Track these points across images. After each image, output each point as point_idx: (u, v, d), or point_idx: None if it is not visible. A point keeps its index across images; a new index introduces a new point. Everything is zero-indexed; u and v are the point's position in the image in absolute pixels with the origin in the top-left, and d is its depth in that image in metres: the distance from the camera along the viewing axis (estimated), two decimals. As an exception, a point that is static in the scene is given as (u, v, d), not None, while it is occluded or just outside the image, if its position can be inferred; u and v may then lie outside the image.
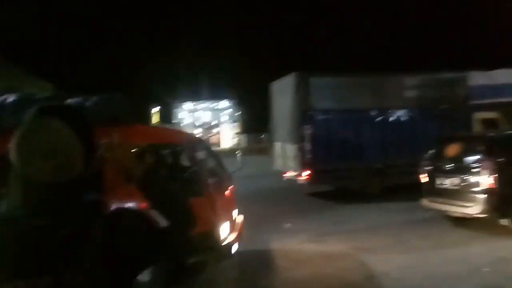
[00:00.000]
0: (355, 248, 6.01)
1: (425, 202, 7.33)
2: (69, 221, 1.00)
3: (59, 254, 0.96)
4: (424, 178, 7.49)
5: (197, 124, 48.43)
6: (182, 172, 4.64)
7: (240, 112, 50.70)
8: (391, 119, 10.67)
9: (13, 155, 0.99)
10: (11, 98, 4.44)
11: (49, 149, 0.98)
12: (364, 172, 10.18)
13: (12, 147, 0.99)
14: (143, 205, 1.34)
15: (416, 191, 7.66)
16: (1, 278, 0.93)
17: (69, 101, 4.49)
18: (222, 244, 4.46)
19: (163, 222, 1.20)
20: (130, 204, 3.24)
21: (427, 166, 7.47)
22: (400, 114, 10.76)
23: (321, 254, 5.87)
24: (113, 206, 1.21)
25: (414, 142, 10.33)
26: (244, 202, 5.79)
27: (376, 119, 10.51)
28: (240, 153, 6.32)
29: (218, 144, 45.72)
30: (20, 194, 1.01)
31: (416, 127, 10.61)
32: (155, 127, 7.08)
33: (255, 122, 42.33)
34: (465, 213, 6.57)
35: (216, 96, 50.00)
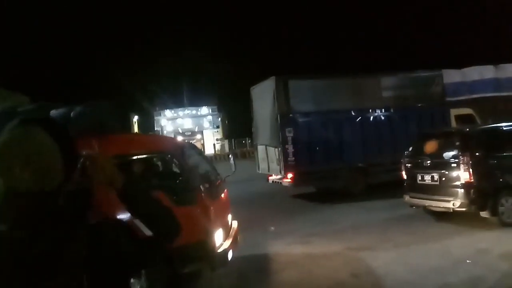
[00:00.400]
0: (341, 247, 6.13)
1: (407, 198, 7.54)
2: (49, 233, 0.97)
3: (38, 267, 0.94)
4: (405, 175, 7.71)
5: (179, 131, 48.13)
6: (172, 180, 4.63)
7: (221, 118, 50.63)
8: (370, 118, 10.91)
9: None
10: (-7, 112, 4.39)
11: (29, 158, 0.98)
12: (347, 172, 10.37)
13: None
14: (127, 215, 1.33)
15: (399, 188, 7.87)
16: None
17: (54, 112, 4.46)
18: (217, 252, 4.44)
19: (147, 231, 1.19)
20: (113, 214, 3.24)
21: (408, 163, 7.69)
22: (379, 113, 11.01)
23: (308, 255, 5.95)
24: (96, 217, 1.19)
25: (394, 140, 10.63)
26: (231, 206, 5.82)
27: (356, 119, 10.72)
28: (232, 156, 6.30)
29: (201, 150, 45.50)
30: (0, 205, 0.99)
31: (396, 126, 10.88)
32: (142, 135, 7.03)
33: (238, 127, 42.36)
34: (445, 208, 6.78)
35: (196, 102, 49.84)
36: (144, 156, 4.75)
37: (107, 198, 1.31)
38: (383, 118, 11.01)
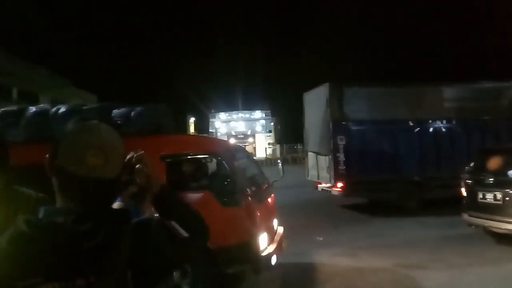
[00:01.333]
0: (390, 264, 5.88)
1: (466, 217, 7.07)
2: (104, 227, 1.02)
3: (92, 259, 0.99)
4: (465, 191, 7.25)
5: (232, 134, 49.00)
6: (220, 181, 4.73)
7: (274, 122, 50.81)
8: (429, 130, 10.39)
9: (61, 157, 1.03)
10: (62, 108, 4.76)
11: (98, 145, 1.04)
12: (401, 185, 9.94)
13: (62, 148, 1.04)
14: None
15: (457, 205, 7.40)
16: (37, 280, 0.95)
17: (115, 111, 4.76)
18: (262, 255, 4.46)
19: (182, 232, 1.20)
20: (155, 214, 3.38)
21: (468, 180, 7.21)
22: (439, 125, 10.46)
23: (355, 268, 5.78)
24: (142, 215, 1.20)
25: (454, 154, 10.08)
26: (278, 212, 5.82)
27: (414, 130, 10.26)
28: (281, 162, 6.29)
29: (252, 154, 45.96)
30: (66, 194, 1.05)
31: (457, 139, 10.29)
32: (195, 136, 7.27)
33: (290, 132, 42.28)
34: (508, 229, 6.28)
35: (250, 106, 50.50)
36: (195, 156, 4.91)
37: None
38: (443, 130, 10.44)
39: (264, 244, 4.66)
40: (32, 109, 4.81)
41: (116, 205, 1.20)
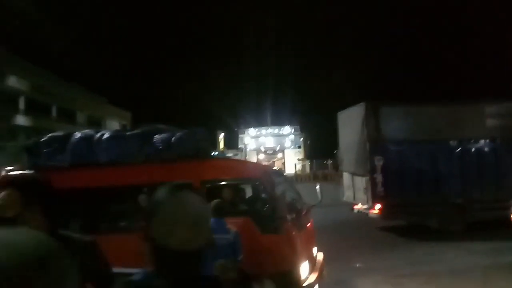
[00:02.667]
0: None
1: (518, 245, 6.64)
2: None
3: None
4: (514, 217, 6.83)
5: (261, 149, 49.08)
6: (260, 207, 4.66)
7: (303, 138, 50.55)
8: (472, 150, 9.97)
9: (156, 229, 1.10)
10: (106, 134, 4.86)
11: (190, 220, 1.09)
12: (443, 207, 9.52)
13: (153, 222, 1.10)
14: None
15: (504, 230, 6.98)
16: None
17: (157, 136, 4.81)
18: (303, 285, 4.33)
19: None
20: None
21: (518, 205, 6.81)
22: (482, 145, 10.02)
23: (400, 298, 5.51)
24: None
25: (499, 175, 9.60)
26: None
27: (455, 150, 9.87)
28: (319, 185, 6.14)
29: (282, 170, 45.77)
30: (159, 264, 1.11)
31: (501, 159, 9.82)
32: (235, 160, 7.25)
33: (319, 148, 41.91)
34: None
35: (279, 122, 50.57)
36: (235, 181, 4.87)
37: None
38: (486, 149, 9.98)
39: (306, 273, 4.52)
40: (77, 134, 4.93)
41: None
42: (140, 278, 1.12)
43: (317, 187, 5.88)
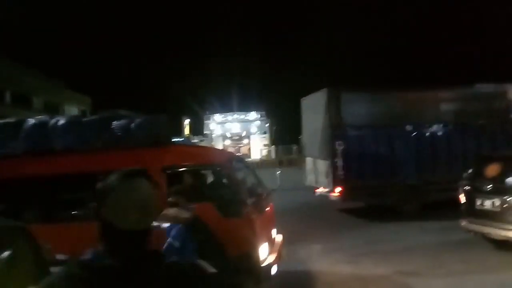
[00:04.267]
0: (390, 271, 5.89)
1: (465, 223, 7.09)
2: (144, 269, 1.16)
3: None
4: (463, 198, 7.27)
5: (227, 135, 48.95)
6: (220, 192, 4.71)
7: (269, 124, 50.84)
8: (426, 134, 10.43)
9: (107, 211, 1.19)
10: (61, 120, 4.71)
11: (140, 204, 1.19)
12: (399, 189, 9.98)
13: (105, 204, 1.19)
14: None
15: (455, 209, 7.43)
16: None
17: (115, 123, 4.72)
18: (262, 266, 4.46)
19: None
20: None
21: (466, 186, 7.24)
22: (436, 129, 10.50)
23: (356, 276, 5.78)
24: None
25: (451, 158, 10.14)
26: (275, 218, 5.81)
27: (411, 135, 10.31)
28: (279, 171, 6.30)
29: (248, 156, 45.93)
30: (109, 243, 1.19)
31: (454, 143, 10.35)
32: (195, 147, 7.21)
33: (285, 134, 42.36)
34: (507, 237, 6.30)
35: (245, 107, 50.49)
36: (195, 167, 4.88)
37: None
38: (440, 134, 10.49)
39: (265, 254, 4.65)
40: (31, 121, 4.75)
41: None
42: (89, 257, 1.16)
43: (277, 172, 6.02)
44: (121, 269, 1.12)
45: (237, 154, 7.95)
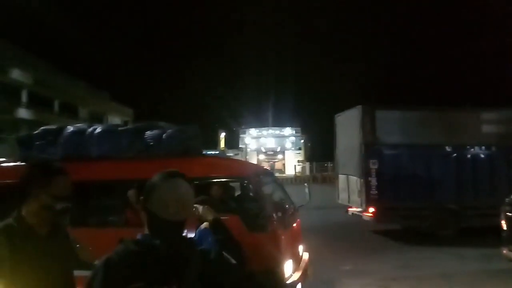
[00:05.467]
0: (424, 297, 5.60)
1: (506, 251, 6.64)
2: (183, 250, 1.44)
3: (176, 272, 1.38)
4: (505, 224, 6.83)
5: (261, 150, 49.09)
6: (247, 206, 4.70)
7: (304, 140, 50.53)
8: (467, 156, 9.98)
9: (152, 204, 1.45)
10: (98, 129, 4.91)
11: (178, 198, 1.45)
12: (436, 212, 9.54)
13: (151, 196, 1.45)
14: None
15: (496, 236, 6.99)
16: (140, 285, 1.32)
17: (148, 133, 4.86)
18: (286, 283, 4.37)
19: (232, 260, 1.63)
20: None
21: (509, 212, 6.81)
22: (478, 151, 10.04)
23: (386, 301, 5.54)
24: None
25: (493, 182, 9.63)
26: (304, 236, 5.69)
27: (450, 156, 9.89)
28: (308, 185, 6.19)
29: (282, 171, 45.77)
30: (154, 230, 1.45)
31: (496, 166, 9.84)
32: (223, 159, 7.28)
33: (320, 150, 41.90)
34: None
35: (280, 123, 50.58)
36: (223, 179, 4.90)
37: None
38: (482, 156, 10.00)
39: (289, 271, 4.56)
40: (70, 128, 4.99)
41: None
42: (141, 238, 1.43)
43: (306, 188, 5.93)
44: (166, 249, 1.38)
45: (265, 168, 7.91)
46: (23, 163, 4.90)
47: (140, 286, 1.33)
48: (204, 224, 3.66)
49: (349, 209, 10.71)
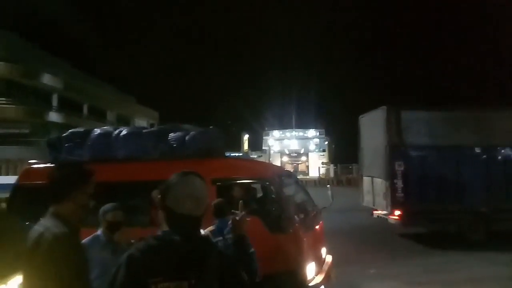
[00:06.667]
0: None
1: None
2: (201, 247, 1.50)
3: (194, 268, 1.42)
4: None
5: (285, 152, 48.93)
6: (268, 207, 4.70)
7: (328, 141, 50.03)
8: (498, 158, 9.63)
9: (169, 201, 1.51)
10: (124, 131, 5.04)
11: (193, 194, 1.51)
12: (465, 215, 9.24)
13: (169, 193, 1.51)
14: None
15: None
16: (159, 279, 1.37)
17: (172, 135, 4.95)
18: (308, 285, 4.34)
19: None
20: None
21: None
22: (509, 152, 9.66)
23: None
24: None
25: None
26: (329, 239, 5.63)
27: (480, 157, 9.57)
28: (331, 187, 6.12)
29: (305, 173, 45.46)
30: (172, 226, 1.51)
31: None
32: (245, 160, 7.31)
33: (344, 152, 41.39)
34: None
35: (304, 124, 50.28)
36: (245, 181, 4.93)
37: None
38: (513, 158, 9.61)
39: (312, 273, 4.53)
40: (97, 131, 5.14)
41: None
42: (161, 234, 1.50)
43: (329, 190, 5.87)
44: (184, 244, 1.44)
45: (287, 170, 7.85)
46: (52, 165, 5.08)
47: (160, 280, 1.38)
48: (209, 228, 3.74)
49: (374, 211, 10.52)
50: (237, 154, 38.09)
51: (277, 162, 41.07)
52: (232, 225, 1.91)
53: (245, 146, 49.19)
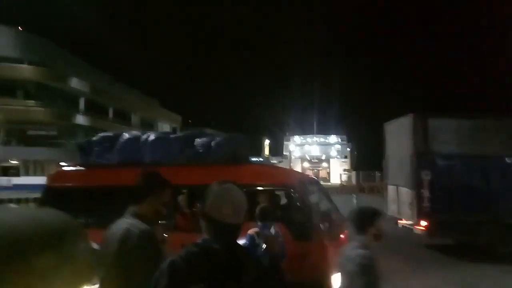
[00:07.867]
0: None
1: None
2: (239, 254, 1.54)
3: (233, 274, 1.46)
4: None
5: (306, 157, 48.65)
6: (293, 214, 4.67)
7: (350, 148, 49.47)
8: (530, 168, 9.27)
9: (209, 208, 1.55)
10: (151, 136, 5.12)
11: (232, 202, 1.55)
12: (494, 227, 8.92)
13: (208, 201, 1.56)
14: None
15: None
16: (201, 286, 1.41)
17: (198, 140, 5.00)
18: None
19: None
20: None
21: None
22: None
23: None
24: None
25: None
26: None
27: (511, 167, 9.24)
28: (356, 196, 6.05)
29: (326, 179, 45.05)
30: (211, 233, 1.55)
31: None
32: (270, 167, 7.28)
33: (366, 159, 40.79)
34: None
35: (325, 130, 49.90)
36: (269, 188, 4.91)
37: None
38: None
39: (337, 284, 4.45)
40: (126, 135, 5.24)
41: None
42: (202, 242, 1.54)
43: (354, 198, 5.78)
44: (223, 252, 1.48)
45: (312, 177, 7.78)
46: (83, 167, 5.21)
47: (201, 287, 1.42)
48: (253, 229, 3.82)
49: (399, 221, 10.29)
50: (258, 159, 38.11)
51: (297, 168, 40.87)
52: (265, 245, 2.01)
53: (266, 151, 49.21)
